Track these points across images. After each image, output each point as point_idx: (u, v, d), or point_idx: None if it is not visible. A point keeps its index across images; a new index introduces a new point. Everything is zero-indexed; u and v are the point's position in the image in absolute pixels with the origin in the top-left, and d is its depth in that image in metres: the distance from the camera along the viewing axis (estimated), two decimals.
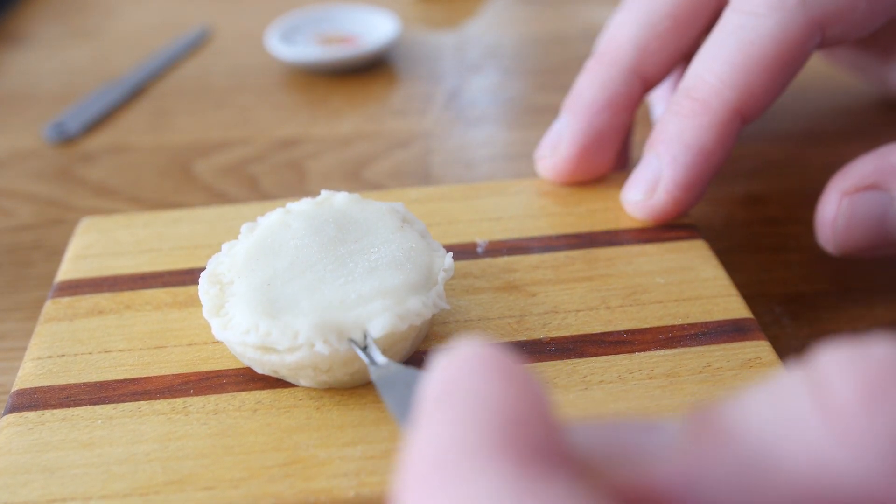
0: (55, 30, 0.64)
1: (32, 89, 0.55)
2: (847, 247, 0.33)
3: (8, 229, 0.42)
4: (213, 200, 0.43)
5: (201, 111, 0.51)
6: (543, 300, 0.29)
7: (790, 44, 0.31)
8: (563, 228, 0.32)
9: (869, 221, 0.32)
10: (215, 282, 0.27)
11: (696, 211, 0.40)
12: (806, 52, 0.31)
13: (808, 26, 0.31)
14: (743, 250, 0.38)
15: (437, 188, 0.35)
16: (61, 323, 0.29)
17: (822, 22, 0.31)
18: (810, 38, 0.31)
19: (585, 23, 0.61)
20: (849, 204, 0.32)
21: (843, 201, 0.32)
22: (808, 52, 0.32)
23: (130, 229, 0.33)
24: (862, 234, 0.32)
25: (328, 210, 0.29)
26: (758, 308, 0.34)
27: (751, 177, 0.43)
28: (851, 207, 0.32)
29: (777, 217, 0.40)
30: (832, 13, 0.31)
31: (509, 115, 0.50)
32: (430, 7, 0.65)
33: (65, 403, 0.26)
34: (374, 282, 0.25)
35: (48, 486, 0.23)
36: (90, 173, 0.46)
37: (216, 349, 0.27)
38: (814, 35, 0.31)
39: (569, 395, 0.25)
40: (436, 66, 0.56)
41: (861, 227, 0.32)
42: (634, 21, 0.35)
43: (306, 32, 0.58)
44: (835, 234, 0.32)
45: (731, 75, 0.31)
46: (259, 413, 0.25)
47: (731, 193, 0.42)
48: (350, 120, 0.50)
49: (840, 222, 0.32)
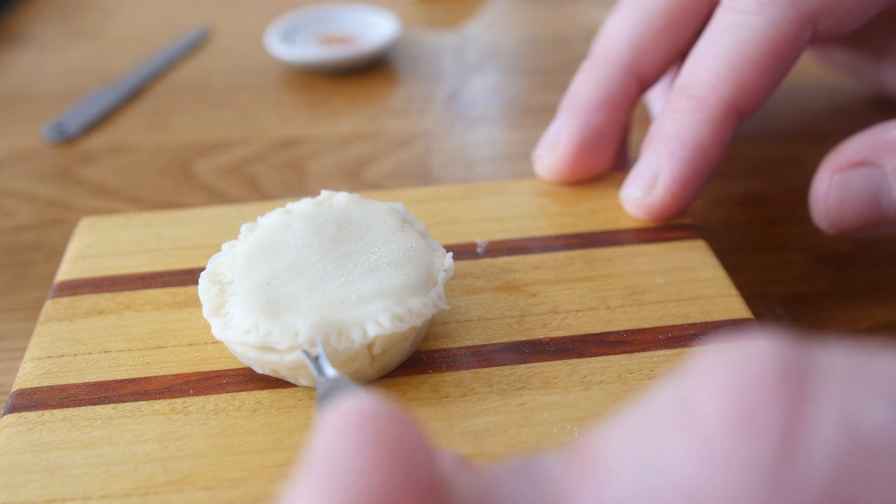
0: (55, 30, 0.64)
1: (32, 89, 0.55)
2: (841, 224, 0.32)
3: (8, 229, 0.42)
4: (213, 200, 0.43)
5: (201, 111, 0.51)
6: (543, 300, 0.29)
7: (782, 39, 0.31)
8: (562, 228, 0.32)
9: (861, 197, 0.31)
10: (215, 282, 0.27)
11: (696, 211, 0.40)
12: (798, 46, 0.32)
13: (800, 21, 0.31)
14: (743, 250, 0.38)
15: (437, 188, 0.35)
16: (61, 323, 0.29)
17: (812, 16, 0.31)
18: (802, 33, 0.31)
19: (585, 23, 0.61)
20: (840, 180, 0.32)
21: (835, 178, 0.32)
22: (800, 46, 0.32)
23: (130, 229, 0.33)
24: (855, 210, 0.32)
25: (328, 210, 0.29)
26: (758, 308, 0.34)
27: (750, 177, 0.43)
28: (843, 183, 0.31)
29: (777, 217, 0.40)
30: (822, 7, 0.31)
31: (509, 115, 0.50)
32: (430, 7, 0.65)
33: (65, 403, 0.26)
34: (374, 282, 0.25)
35: (48, 487, 0.23)
36: (90, 173, 0.46)
37: (216, 349, 0.27)
38: (805, 29, 0.31)
39: (569, 396, 0.25)
40: (436, 66, 0.56)
41: (853, 204, 0.32)
42: (629, 21, 0.35)
43: (306, 32, 0.58)
44: (828, 211, 0.32)
45: (725, 71, 0.31)
46: (259, 413, 0.25)
47: (730, 193, 0.41)
48: (350, 120, 0.50)
49: (832, 199, 0.32)
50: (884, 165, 0.31)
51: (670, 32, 0.34)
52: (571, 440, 0.24)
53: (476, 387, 0.26)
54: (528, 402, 0.25)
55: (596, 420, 0.24)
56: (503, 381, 0.26)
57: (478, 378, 0.26)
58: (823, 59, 0.46)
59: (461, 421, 0.24)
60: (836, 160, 0.32)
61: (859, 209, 0.32)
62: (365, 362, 0.25)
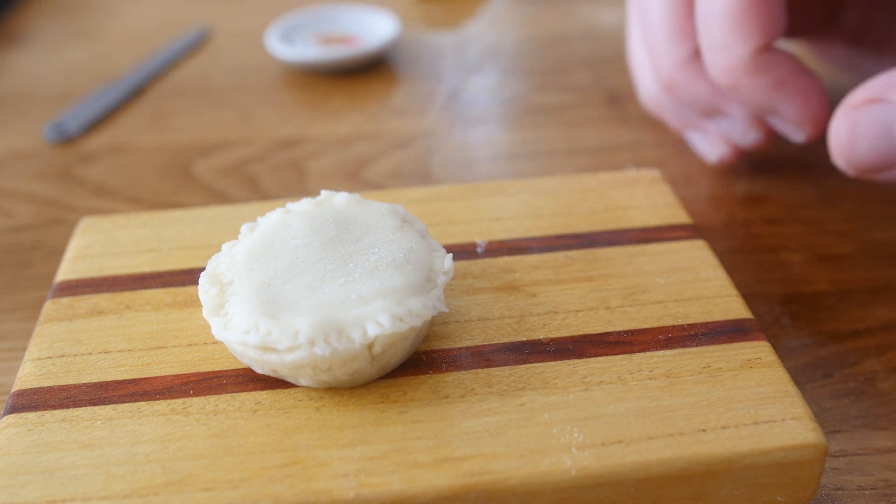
0: (55, 30, 0.64)
1: (32, 89, 0.55)
2: (857, 162, 0.32)
3: (8, 229, 0.42)
4: (213, 200, 0.43)
5: (201, 111, 0.51)
6: (543, 300, 0.29)
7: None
8: (563, 228, 0.32)
9: (873, 132, 0.31)
10: (215, 282, 0.27)
11: (696, 211, 0.40)
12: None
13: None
14: (743, 250, 0.38)
15: (437, 188, 0.35)
16: (61, 323, 0.29)
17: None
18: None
19: (585, 23, 0.61)
20: (854, 116, 0.32)
21: (850, 114, 0.32)
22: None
23: (130, 229, 0.33)
24: (868, 146, 0.32)
25: (328, 210, 0.29)
26: (758, 308, 0.34)
27: (750, 177, 0.43)
28: (856, 119, 0.31)
29: (777, 217, 0.40)
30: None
31: (509, 115, 0.50)
32: (430, 7, 0.65)
33: (64, 404, 0.26)
34: (374, 282, 0.25)
35: (48, 487, 0.23)
36: (90, 173, 0.46)
37: (216, 349, 0.27)
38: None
39: (569, 396, 0.25)
40: (436, 66, 0.56)
41: (867, 139, 0.31)
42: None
43: (306, 32, 0.58)
44: (842, 149, 0.32)
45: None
46: (259, 414, 0.25)
47: (730, 193, 0.42)
48: (350, 120, 0.50)
49: (845, 136, 0.32)
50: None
51: None
52: (571, 440, 0.24)
53: (476, 387, 0.26)
54: (527, 402, 0.25)
55: (596, 420, 0.24)
56: (503, 381, 0.26)
57: (478, 378, 0.26)
58: (822, 56, 0.46)
59: (461, 421, 0.24)
60: (852, 98, 0.32)
61: (872, 145, 0.31)
62: (365, 362, 0.25)
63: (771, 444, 0.23)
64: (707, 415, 0.24)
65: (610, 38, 0.59)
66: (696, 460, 0.23)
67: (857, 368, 0.31)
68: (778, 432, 0.24)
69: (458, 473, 0.23)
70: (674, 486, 0.23)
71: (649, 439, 0.24)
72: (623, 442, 0.24)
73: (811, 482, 0.24)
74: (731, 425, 0.24)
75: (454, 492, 0.23)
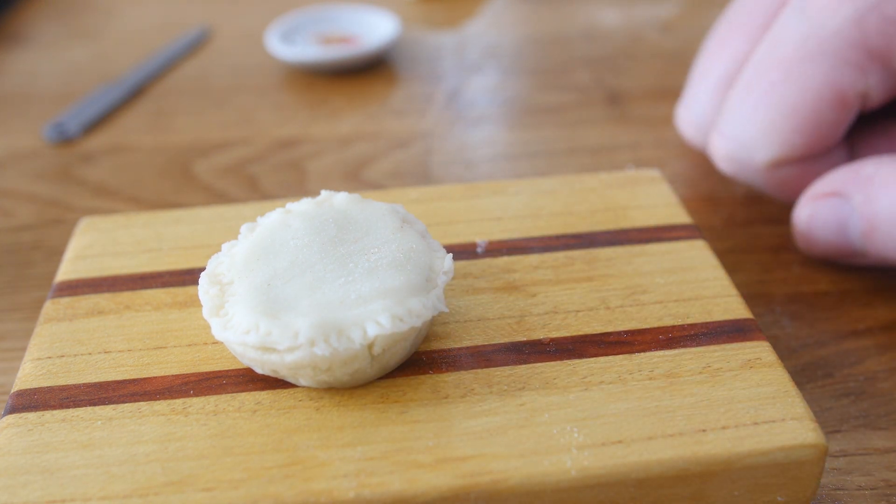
0: (55, 30, 0.64)
1: (32, 89, 0.55)
2: (812, 250, 0.34)
3: (8, 229, 0.42)
4: (212, 200, 0.43)
5: (201, 111, 0.51)
6: (543, 300, 0.29)
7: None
8: (563, 228, 0.32)
9: (828, 226, 0.33)
10: (215, 282, 0.27)
11: (696, 211, 0.40)
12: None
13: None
14: (743, 250, 0.38)
15: (437, 188, 0.35)
16: (61, 323, 0.29)
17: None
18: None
19: (585, 23, 0.61)
20: (813, 208, 0.33)
21: (809, 206, 0.34)
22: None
23: (130, 229, 0.33)
24: (823, 238, 0.34)
25: (328, 210, 0.29)
26: (758, 308, 0.34)
27: None
28: (814, 212, 0.33)
29: (777, 217, 0.40)
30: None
31: (509, 115, 0.50)
32: (430, 7, 0.65)
33: (64, 404, 0.26)
34: (374, 282, 0.25)
35: (48, 488, 0.23)
36: (90, 173, 0.46)
37: (216, 349, 0.27)
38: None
39: (569, 396, 0.25)
40: (436, 66, 0.56)
41: (822, 232, 0.33)
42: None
43: (306, 32, 0.58)
44: (801, 237, 0.34)
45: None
46: (259, 414, 0.25)
47: (730, 193, 0.41)
48: (350, 120, 0.50)
49: (804, 224, 0.34)
50: (852, 198, 0.32)
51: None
52: (571, 440, 0.24)
53: (476, 387, 0.26)
54: (527, 402, 0.25)
55: (596, 420, 0.24)
56: (503, 381, 0.26)
57: (478, 378, 0.26)
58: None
59: (461, 421, 0.24)
60: (815, 189, 0.33)
61: (827, 237, 0.33)
62: (365, 362, 0.25)
63: (771, 445, 0.23)
64: (707, 415, 0.24)
65: (610, 38, 0.59)
66: (696, 460, 0.23)
67: (857, 368, 0.31)
68: (778, 432, 0.24)
69: (458, 474, 0.23)
70: (674, 486, 0.23)
71: (649, 439, 0.24)
72: (623, 442, 0.24)
73: (811, 482, 0.24)
74: (731, 425, 0.24)
75: (454, 492, 0.23)
